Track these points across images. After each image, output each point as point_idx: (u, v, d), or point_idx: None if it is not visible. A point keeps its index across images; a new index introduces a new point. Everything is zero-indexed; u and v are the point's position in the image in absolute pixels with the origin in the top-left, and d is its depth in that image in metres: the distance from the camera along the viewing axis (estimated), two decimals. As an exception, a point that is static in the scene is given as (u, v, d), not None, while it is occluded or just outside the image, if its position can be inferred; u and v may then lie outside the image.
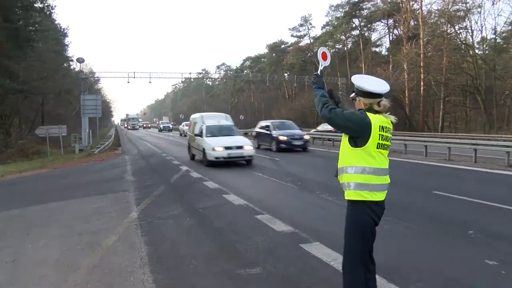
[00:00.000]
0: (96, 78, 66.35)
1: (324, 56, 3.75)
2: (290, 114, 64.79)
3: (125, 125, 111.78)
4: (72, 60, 49.91)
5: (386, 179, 3.07)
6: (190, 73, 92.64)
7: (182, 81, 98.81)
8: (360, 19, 58.31)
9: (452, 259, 4.72)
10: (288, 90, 79.18)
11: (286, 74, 76.25)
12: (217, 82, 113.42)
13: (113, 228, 6.74)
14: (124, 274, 4.65)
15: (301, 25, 71.07)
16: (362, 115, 2.98)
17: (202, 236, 6.06)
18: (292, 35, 75.32)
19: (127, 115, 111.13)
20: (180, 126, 54.01)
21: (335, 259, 4.70)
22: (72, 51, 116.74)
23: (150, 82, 59.19)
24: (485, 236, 5.57)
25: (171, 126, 75.63)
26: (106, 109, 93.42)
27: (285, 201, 8.50)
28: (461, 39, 40.16)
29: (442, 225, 6.20)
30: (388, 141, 3.06)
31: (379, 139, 2.97)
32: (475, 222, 6.31)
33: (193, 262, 4.90)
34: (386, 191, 3.09)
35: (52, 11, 33.40)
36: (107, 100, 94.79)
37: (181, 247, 5.57)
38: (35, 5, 29.43)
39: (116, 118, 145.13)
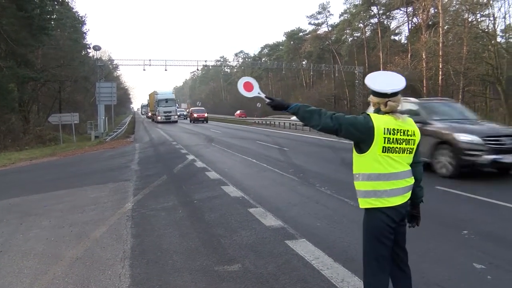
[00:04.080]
0: (114, 66, 66.95)
1: (248, 87, 3.41)
2: (308, 102, 63.52)
3: (148, 114, 72.18)
4: (90, 48, 50.19)
5: (402, 183, 2.88)
6: (206, 61, 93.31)
7: (199, 69, 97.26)
8: (378, 6, 57.39)
9: (438, 262, 4.53)
10: (306, 78, 78.78)
11: (303, 62, 75.99)
12: (235, 70, 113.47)
13: (105, 219, 6.73)
14: (103, 267, 4.62)
15: (319, 12, 70.59)
16: (365, 119, 2.83)
17: (189, 229, 5.98)
18: (310, 23, 74.99)
19: (151, 95, 60.92)
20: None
21: (316, 258, 4.59)
22: (91, 39, 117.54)
23: (166, 70, 60.12)
24: (479, 237, 5.33)
25: None
26: (124, 96, 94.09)
27: (282, 194, 8.36)
28: (483, 27, 39.10)
29: (436, 224, 5.97)
30: (403, 144, 2.85)
31: (384, 143, 2.79)
32: (473, 221, 6.07)
33: (174, 257, 4.84)
34: (406, 194, 2.92)
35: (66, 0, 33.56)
36: (125, 87, 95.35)
37: (166, 240, 5.51)
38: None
39: (136, 105, 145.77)
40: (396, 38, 59.71)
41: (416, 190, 3.04)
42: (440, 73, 39.94)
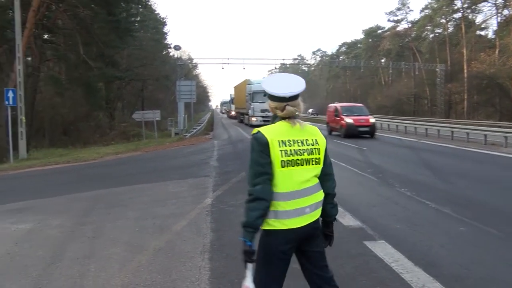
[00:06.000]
0: (194, 64, 69.03)
1: None
2: (386, 101, 62.84)
3: (231, 112, 59.62)
4: (170, 48, 52.33)
5: (307, 201, 2.53)
6: (283, 59, 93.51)
7: (277, 67, 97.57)
8: (462, 0, 54.26)
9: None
10: (384, 77, 76.71)
11: (382, 60, 73.94)
12: (312, 68, 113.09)
13: (186, 213, 6.98)
14: (184, 259, 4.80)
15: (399, 9, 68.16)
16: (258, 139, 2.47)
17: (266, 226, 6.05)
18: (389, 20, 72.72)
19: (240, 86, 45.13)
20: None
21: (396, 261, 4.46)
22: (171, 39, 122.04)
23: (244, 68, 60.20)
24: None
25: None
26: (203, 94, 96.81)
27: (360, 194, 8.24)
28: None
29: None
30: (304, 155, 2.52)
31: (282, 156, 2.45)
32: None
33: (252, 253, 4.91)
34: (313, 213, 2.58)
35: (149, 3, 35.25)
36: (204, 86, 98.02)
37: (244, 236, 5.61)
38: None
39: (214, 102, 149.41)
40: (482, 33, 56.25)
41: (327, 207, 2.71)
42: (533, 69, 37.17)
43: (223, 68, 49.98)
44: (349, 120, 22.72)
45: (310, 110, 68.14)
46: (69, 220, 6.87)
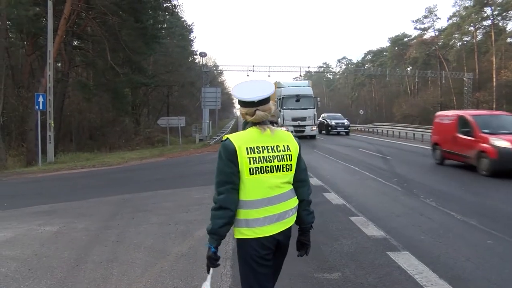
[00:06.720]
0: (219, 71, 69.43)
1: None
2: (412, 110, 62.03)
3: None
4: (196, 54, 52.72)
5: (278, 208, 2.53)
6: (308, 67, 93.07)
7: (302, 75, 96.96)
8: (493, 7, 53.14)
9: None
10: (410, 85, 75.70)
11: (408, 69, 73.06)
12: (337, 76, 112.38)
13: (208, 219, 6.96)
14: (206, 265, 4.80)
15: (425, 16, 67.26)
16: (226, 147, 2.48)
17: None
18: (415, 28, 71.72)
19: None
20: None
21: (420, 273, 4.38)
22: (197, 46, 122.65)
23: (269, 76, 59.71)
24: None
25: None
26: (227, 101, 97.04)
27: (384, 204, 8.12)
28: None
29: None
30: (274, 161, 2.51)
31: (250, 164, 2.45)
32: None
33: (273, 261, 4.90)
34: (286, 220, 2.56)
35: (175, 10, 35.66)
36: (229, 92, 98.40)
37: (266, 244, 5.60)
38: (164, 5, 31.73)
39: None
40: (514, 40, 55.04)
41: (303, 214, 2.69)
42: None
43: (248, 75, 49.63)
44: (501, 142, 11.26)
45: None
46: (94, 223, 6.99)
